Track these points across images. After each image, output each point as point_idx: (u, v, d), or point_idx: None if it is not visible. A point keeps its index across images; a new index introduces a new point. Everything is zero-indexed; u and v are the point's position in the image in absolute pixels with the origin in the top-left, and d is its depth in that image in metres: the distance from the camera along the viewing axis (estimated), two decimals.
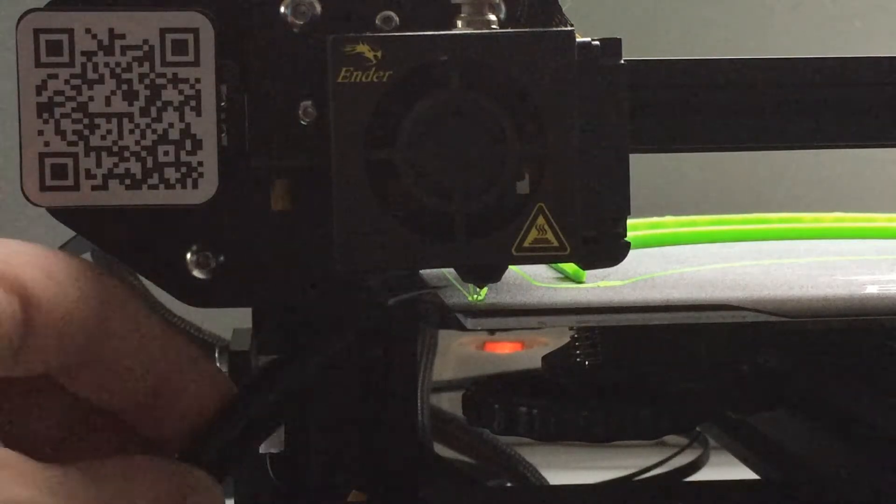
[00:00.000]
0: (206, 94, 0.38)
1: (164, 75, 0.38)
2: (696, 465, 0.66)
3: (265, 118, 0.40)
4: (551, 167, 0.37)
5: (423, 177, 0.37)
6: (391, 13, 0.40)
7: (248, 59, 0.40)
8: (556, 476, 0.62)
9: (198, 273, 0.40)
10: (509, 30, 0.38)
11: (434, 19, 0.39)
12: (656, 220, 0.57)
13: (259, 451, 0.43)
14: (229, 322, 0.50)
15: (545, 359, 0.50)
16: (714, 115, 0.41)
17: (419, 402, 0.47)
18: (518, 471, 0.61)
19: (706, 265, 0.47)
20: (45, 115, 0.38)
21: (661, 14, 0.91)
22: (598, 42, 0.38)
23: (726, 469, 0.58)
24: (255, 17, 0.40)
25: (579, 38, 0.38)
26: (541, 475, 0.61)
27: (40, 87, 0.38)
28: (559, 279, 0.44)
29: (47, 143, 0.38)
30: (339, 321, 0.40)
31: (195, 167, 0.39)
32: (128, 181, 0.38)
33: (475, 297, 0.40)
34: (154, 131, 0.38)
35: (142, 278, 0.42)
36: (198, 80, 0.38)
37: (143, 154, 0.38)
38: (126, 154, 0.38)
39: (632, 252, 0.39)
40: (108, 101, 0.38)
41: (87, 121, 0.38)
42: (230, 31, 0.39)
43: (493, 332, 0.74)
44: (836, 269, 0.46)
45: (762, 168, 0.91)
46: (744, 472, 0.56)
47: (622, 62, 0.38)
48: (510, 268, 0.39)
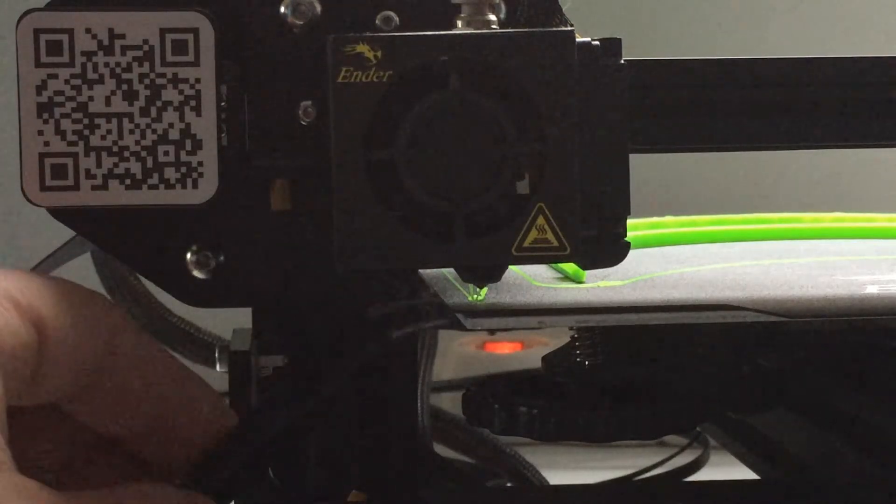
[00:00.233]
0: (206, 94, 0.38)
1: (164, 75, 0.38)
2: (696, 465, 0.66)
3: (265, 118, 0.40)
4: (551, 167, 0.37)
5: (424, 177, 0.37)
6: (391, 13, 0.40)
7: (248, 59, 0.40)
8: (556, 476, 0.62)
9: (198, 273, 0.40)
10: (509, 30, 0.38)
11: (434, 19, 0.39)
12: (656, 220, 0.57)
13: (267, 475, 0.43)
14: (229, 322, 0.50)
15: (545, 359, 0.49)
16: (714, 115, 0.41)
17: (419, 402, 0.47)
18: (518, 471, 0.61)
19: (706, 265, 0.47)
20: (45, 115, 0.38)
21: (661, 14, 0.91)
22: (598, 42, 0.38)
23: (726, 469, 0.58)
24: (255, 16, 0.40)
25: (579, 38, 0.37)
26: (541, 475, 0.61)
27: (40, 87, 0.38)
28: (559, 279, 0.44)
29: (47, 143, 0.38)
30: (341, 354, 0.39)
31: (195, 167, 0.38)
32: (128, 181, 0.38)
33: (475, 297, 0.40)
34: (154, 131, 0.38)
35: (142, 278, 0.42)
36: (198, 80, 0.38)
37: (143, 154, 0.38)
38: (126, 154, 0.38)
39: (632, 252, 0.39)
40: (108, 101, 0.38)
41: (87, 121, 0.38)
42: (230, 31, 0.39)
43: (493, 332, 0.74)
44: (836, 269, 0.46)
45: (762, 168, 0.91)
46: (744, 472, 0.56)
47: (622, 62, 0.38)
48: (510, 268, 0.39)
